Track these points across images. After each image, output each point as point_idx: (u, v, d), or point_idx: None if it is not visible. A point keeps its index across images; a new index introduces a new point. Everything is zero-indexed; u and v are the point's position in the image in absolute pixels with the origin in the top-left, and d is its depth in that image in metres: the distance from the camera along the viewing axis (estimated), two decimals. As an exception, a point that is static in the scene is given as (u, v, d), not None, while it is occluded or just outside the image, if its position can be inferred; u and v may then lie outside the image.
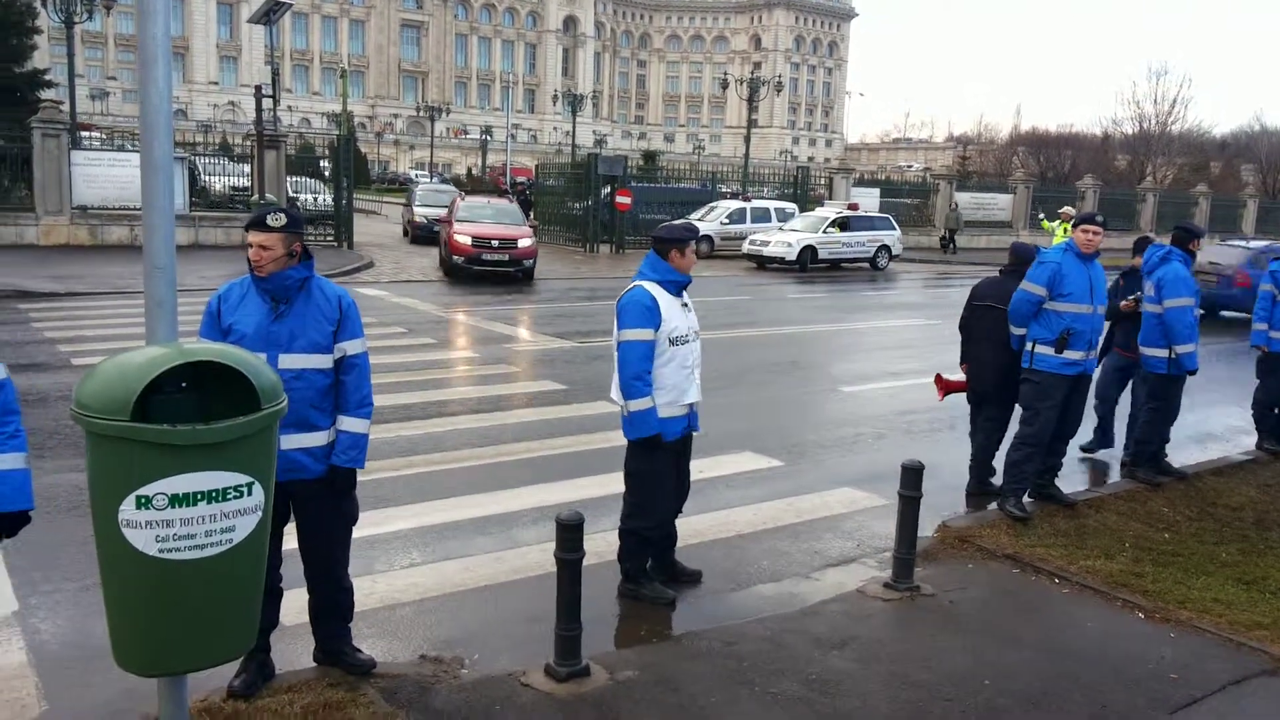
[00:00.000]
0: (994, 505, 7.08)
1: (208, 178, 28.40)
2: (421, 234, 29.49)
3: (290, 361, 4.03)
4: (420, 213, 30.60)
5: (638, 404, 5.11)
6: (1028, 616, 5.42)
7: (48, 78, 34.77)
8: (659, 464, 5.32)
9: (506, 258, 21.08)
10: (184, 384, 3.04)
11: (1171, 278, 7.62)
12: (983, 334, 7.44)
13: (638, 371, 5.09)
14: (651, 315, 5.11)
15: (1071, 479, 7.86)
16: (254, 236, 4.03)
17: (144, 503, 2.84)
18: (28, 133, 23.15)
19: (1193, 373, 7.70)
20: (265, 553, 3.20)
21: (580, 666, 4.48)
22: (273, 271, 4.04)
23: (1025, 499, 7.00)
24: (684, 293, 5.33)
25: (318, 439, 4.14)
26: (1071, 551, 6.24)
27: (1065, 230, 21.57)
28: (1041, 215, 33.51)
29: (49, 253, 21.97)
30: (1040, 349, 6.92)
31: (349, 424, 4.20)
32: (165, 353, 2.96)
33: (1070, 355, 6.87)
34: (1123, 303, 8.20)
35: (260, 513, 3.07)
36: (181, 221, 23.73)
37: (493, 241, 21.09)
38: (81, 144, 25.20)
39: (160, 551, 2.89)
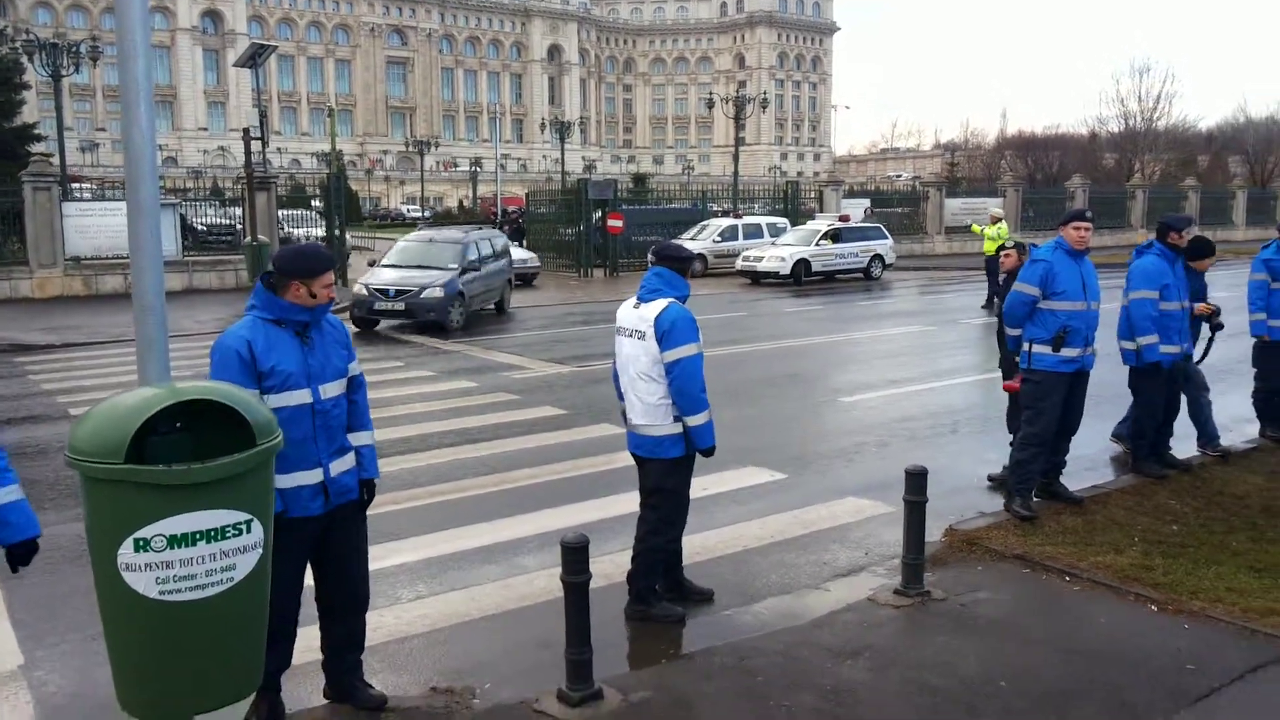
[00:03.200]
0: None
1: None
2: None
3: (328, 391, 4.12)
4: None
5: (705, 416, 5.24)
6: (1040, 616, 5.39)
7: (36, 131, 35.02)
8: (690, 476, 5.48)
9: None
10: (178, 424, 3.03)
11: (1137, 271, 7.72)
12: None
13: (703, 384, 5.24)
14: (696, 329, 5.25)
15: (1077, 476, 7.80)
16: (329, 276, 4.11)
17: (142, 545, 2.82)
18: (18, 187, 23.24)
19: (1156, 365, 7.66)
20: (267, 590, 3.17)
21: (593, 690, 4.43)
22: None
23: (1032, 498, 6.97)
24: None
25: (351, 460, 4.25)
26: (1080, 548, 6.20)
27: (1000, 232, 21.41)
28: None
29: (44, 305, 21.99)
30: (1038, 348, 6.92)
31: (367, 438, 4.36)
32: (157, 393, 2.95)
33: (1067, 353, 6.86)
34: (1198, 306, 8.16)
35: (260, 550, 3.05)
36: (175, 266, 23.80)
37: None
38: (72, 195, 25.29)
39: (161, 593, 2.87)
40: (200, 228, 28.00)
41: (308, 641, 4.46)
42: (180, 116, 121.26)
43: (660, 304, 5.23)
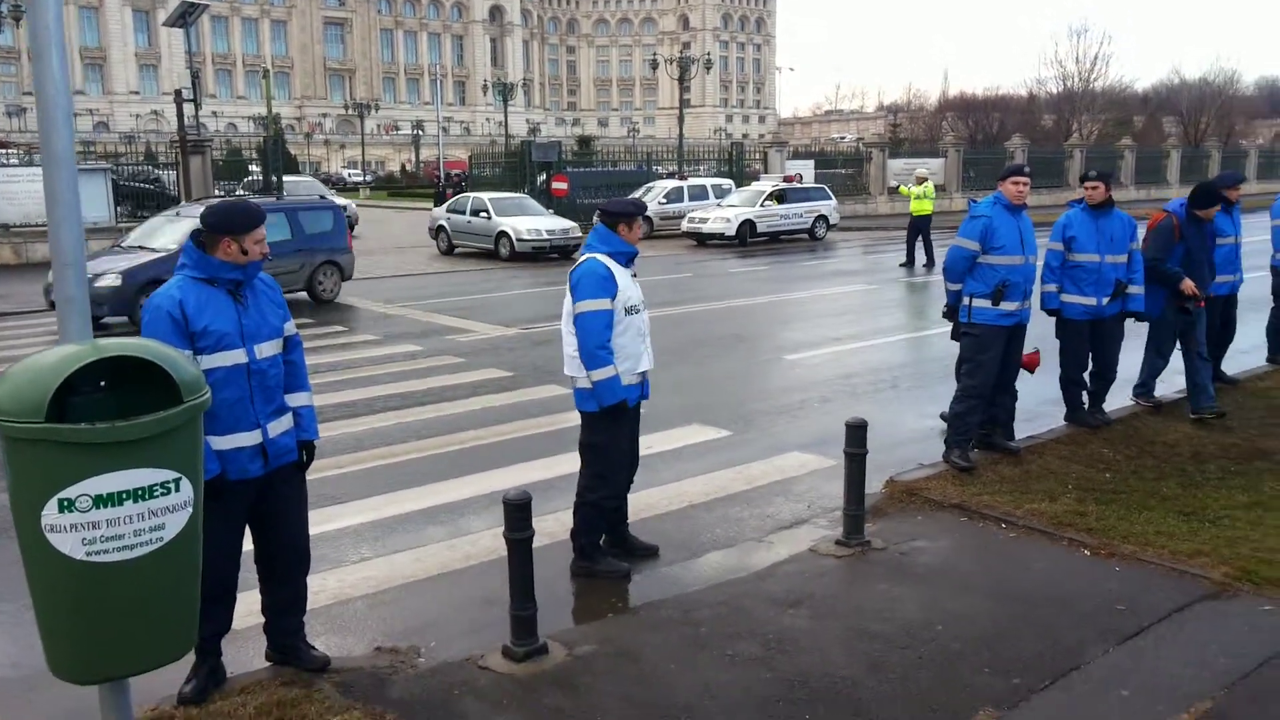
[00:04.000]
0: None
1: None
2: None
3: (264, 350, 4.06)
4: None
5: (603, 373, 5.14)
6: (977, 562, 5.49)
7: (-42, 95, 33.74)
8: (619, 433, 5.39)
9: None
10: (102, 383, 2.95)
11: (1055, 225, 7.91)
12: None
13: (601, 341, 5.13)
14: (608, 285, 5.16)
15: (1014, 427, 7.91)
16: (260, 231, 4.04)
17: (67, 505, 2.75)
18: (-60, 152, 22.46)
19: (1049, 312, 7.79)
20: (199, 550, 3.11)
21: (538, 645, 4.45)
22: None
23: (970, 449, 7.07)
24: (632, 264, 5.37)
25: (290, 421, 4.20)
26: (1017, 496, 6.32)
27: (926, 191, 21.45)
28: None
29: (-29, 274, 21.33)
30: (977, 302, 7.00)
31: (305, 398, 4.31)
32: (78, 350, 2.86)
33: (1006, 306, 6.95)
34: (1184, 284, 8.00)
35: (191, 509, 2.99)
36: (107, 233, 23.18)
37: None
38: (-2, 161, 24.53)
39: (88, 554, 2.80)
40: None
41: (249, 605, 4.42)
42: (111, 80, 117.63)
43: (583, 258, 5.26)
